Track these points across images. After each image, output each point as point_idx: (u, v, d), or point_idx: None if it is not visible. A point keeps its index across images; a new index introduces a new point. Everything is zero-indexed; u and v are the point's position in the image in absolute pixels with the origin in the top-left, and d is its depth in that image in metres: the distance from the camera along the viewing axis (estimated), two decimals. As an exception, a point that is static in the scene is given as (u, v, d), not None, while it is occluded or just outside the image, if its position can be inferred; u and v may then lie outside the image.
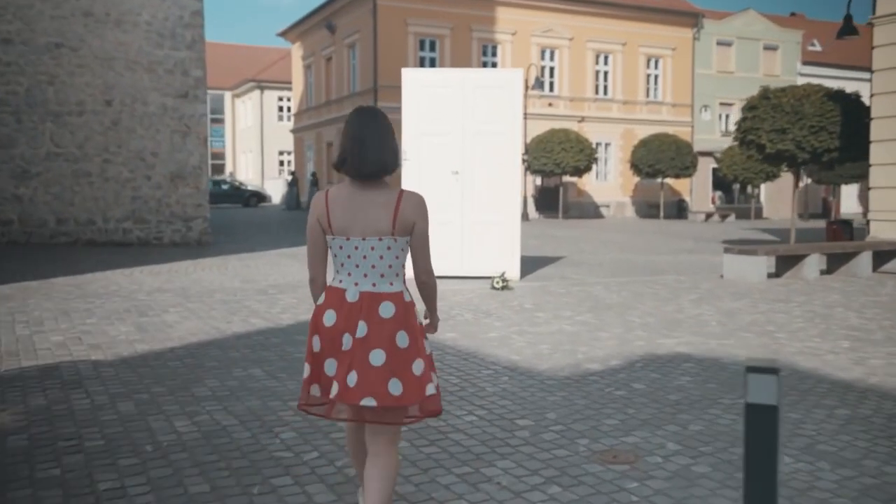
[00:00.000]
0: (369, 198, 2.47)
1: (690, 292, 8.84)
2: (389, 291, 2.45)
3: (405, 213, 2.46)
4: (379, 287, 2.45)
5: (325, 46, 35.07)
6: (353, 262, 2.46)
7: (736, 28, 36.00)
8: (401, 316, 2.44)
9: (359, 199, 2.48)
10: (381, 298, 2.43)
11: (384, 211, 2.45)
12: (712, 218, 32.77)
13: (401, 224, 2.45)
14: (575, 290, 8.90)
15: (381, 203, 2.46)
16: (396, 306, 2.44)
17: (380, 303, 2.43)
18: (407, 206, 2.47)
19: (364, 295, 2.44)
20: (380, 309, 2.42)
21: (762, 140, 14.81)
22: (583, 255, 14.27)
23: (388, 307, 2.43)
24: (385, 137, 2.50)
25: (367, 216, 2.45)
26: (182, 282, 9.19)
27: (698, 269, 11.54)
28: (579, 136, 29.01)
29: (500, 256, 9.76)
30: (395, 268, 2.48)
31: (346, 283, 2.47)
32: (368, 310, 2.42)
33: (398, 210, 2.45)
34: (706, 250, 16.01)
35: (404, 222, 2.46)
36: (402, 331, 2.44)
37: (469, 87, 9.76)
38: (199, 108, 14.44)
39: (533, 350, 5.65)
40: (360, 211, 2.46)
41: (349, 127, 2.51)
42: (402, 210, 2.46)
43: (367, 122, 2.50)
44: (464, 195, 9.77)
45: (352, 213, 2.46)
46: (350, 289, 2.45)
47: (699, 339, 6.12)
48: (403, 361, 2.43)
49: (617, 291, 8.85)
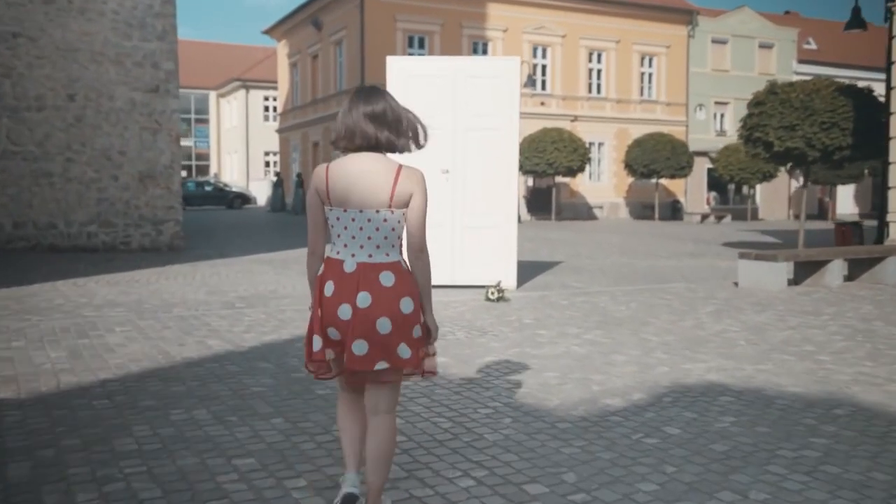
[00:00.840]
0: (369, 170, 2.50)
1: (706, 303, 7.97)
2: (387, 261, 2.51)
3: (403, 187, 2.50)
4: (376, 258, 2.50)
5: (312, 44, 34.11)
6: (350, 233, 2.52)
7: (731, 26, 35.28)
8: (401, 283, 2.50)
9: (358, 172, 2.51)
10: (380, 268, 2.49)
11: (383, 184, 2.49)
12: (708, 219, 32.01)
13: (398, 197, 2.49)
14: (579, 302, 8.01)
15: (380, 175, 2.50)
16: (395, 275, 2.49)
17: (379, 272, 2.48)
18: (405, 179, 2.51)
19: (361, 266, 2.49)
20: (380, 278, 2.48)
21: (770, 137, 13.99)
22: (581, 259, 13.40)
23: (388, 276, 2.48)
24: (391, 106, 2.57)
25: (365, 188, 2.49)
26: (140, 293, 8.23)
27: (707, 276, 10.69)
28: (572, 136, 28.18)
29: (495, 263, 8.86)
30: (391, 239, 2.53)
31: (344, 254, 2.52)
32: (369, 280, 2.47)
33: (396, 182, 2.49)
34: (708, 253, 15.18)
35: (402, 195, 2.50)
36: (406, 297, 2.49)
37: (461, 77, 8.85)
38: (170, 104, 13.47)
39: (538, 380, 4.74)
40: (358, 183, 2.49)
41: (356, 100, 2.55)
42: (401, 183, 2.50)
43: (372, 97, 2.56)
44: (455, 196, 8.86)
45: (350, 185, 2.49)
46: (347, 260, 2.51)
47: (730, 362, 5.24)
48: (408, 326, 2.49)
49: (625, 303, 7.97)
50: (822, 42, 39.36)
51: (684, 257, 14.21)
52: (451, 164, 8.85)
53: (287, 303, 7.72)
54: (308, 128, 35.07)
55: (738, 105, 35.75)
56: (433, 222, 8.04)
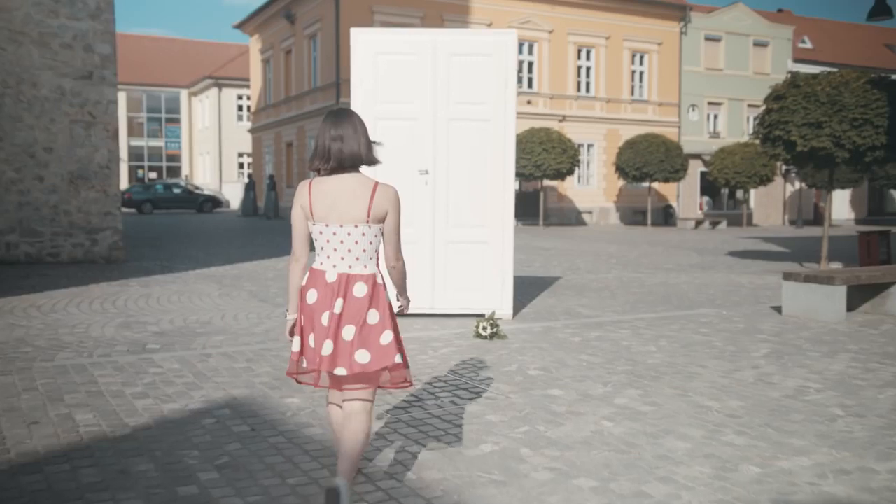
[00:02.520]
0: (347, 188, 2.75)
1: (755, 340, 6.28)
2: (363, 273, 2.76)
3: (378, 204, 2.75)
4: (354, 269, 2.76)
5: (285, 38, 32.24)
6: (332, 245, 2.77)
7: (725, 23, 33.86)
8: (371, 295, 2.75)
9: (338, 190, 2.75)
10: (355, 279, 2.75)
11: (360, 201, 2.74)
12: (702, 225, 30.51)
13: (374, 213, 2.75)
14: (594, 339, 6.28)
15: (357, 194, 2.74)
16: (368, 286, 2.75)
17: (354, 283, 2.75)
18: (380, 197, 2.76)
19: (341, 276, 2.75)
20: (354, 289, 2.74)
21: (792, 136, 12.37)
22: (580, 274, 11.70)
23: (361, 287, 2.74)
24: (359, 132, 2.79)
25: (344, 205, 2.74)
26: (30, 327, 6.40)
27: (735, 297, 9.03)
28: (561, 136, 26.55)
29: (486, 287, 7.12)
30: (369, 252, 2.78)
31: (326, 265, 2.79)
32: (344, 289, 2.73)
33: (372, 201, 2.74)
34: (718, 265, 13.57)
35: (377, 212, 2.76)
36: (372, 309, 2.75)
37: (443, 54, 7.11)
38: (106, 93, 11.61)
39: (568, 496, 3.00)
40: (338, 200, 2.74)
41: (326, 127, 2.78)
42: (376, 201, 2.75)
43: (343, 121, 2.78)
44: (436, 204, 7.12)
45: (331, 202, 2.74)
46: (329, 270, 2.77)
47: (845, 454, 3.53)
48: (372, 334, 2.73)
49: (653, 339, 6.26)
50: (818, 41, 38.09)
51: (694, 271, 12.57)
52: (430, 163, 7.11)
53: (218, 341, 5.93)
54: (281, 127, 33.18)
55: (733, 106, 34.39)
56: (408, 238, 6.29)
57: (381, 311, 2.75)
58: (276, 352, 5.57)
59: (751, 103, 34.63)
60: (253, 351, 5.59)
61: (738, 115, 34.45)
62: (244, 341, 5.93)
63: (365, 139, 2.80)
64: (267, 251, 14.81)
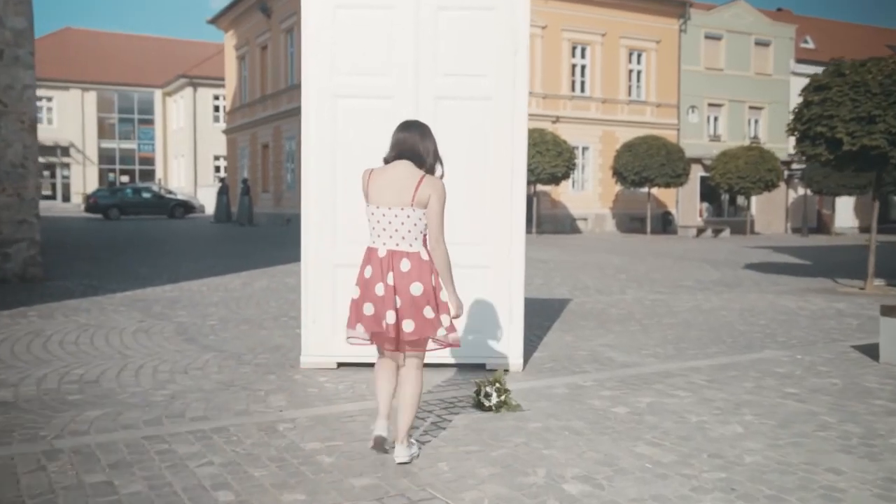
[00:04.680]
0: (399, 176, 3.27)
1: (874, 410, 4.38)
2: (408, 251, 3.26)
3: (423, 192, 3.23)
4: (401, 246, 3.25)
5: (260, 33, 30.25)
6: (382, 226, 3.27)
7: (725, 20, 32.20)
8: (415, 270, 3.23)
9: (390, 178, 3.28)
10: (401, 255, 3.25)
11: (407, 188, 3.23)
12: (704, 233, 28.74)
13: (418, 199, 3.22)
14: (646, 409, 4.35)
15: (405, 181, 3.25)
16: (412, 262, 3.24)
17: (400, 259, 3.24)
18: (425, 185, 3.24)
19: (389, 252, 3.25)
20: (400, 264, 3.23)
21: (838, 133, 10.54)
22: (591, 294, 9.81)
23: (405, 263, 3.23)
24: (426, 137, 3.37)
25: (393, 191, 3.24)
26: None
27: (796, 329, 7.15)
28: (556, 138, 24.70)
29: (487, 328, 5.19)
30: (414, 233, 3.26)
31: (377, 243, 3.29)
32: (393, 264, 3.23)
33: (418, 188, 3.23)
34: (743, 281, 11.79)
35: (421, 197, 3.23)
36: (416, 282, 3.22)
37: (428, 7, 5.17)
38: (21, 77, 9.61)
39: None
40: (389, 186, 3.26)
41: (398, 128, 3.42)
42: (421, 188, 3.23)
43: (413, 124, 3.42)
44: (418, 212, 5.18)
45: (382, 188, 3.27)
46: (380, 248, 3.27)
47: None
48: (416, 307, 3.22)
49: (731, 410, 4.33)
50: (819, 41, 36.54)
51: (720, 289, 10.71)
52: (412, 156, 5.17)
53: (87, 420, 3.94)
54: (257, 128, 31.16)
55: (733, 107, 32.72)
56: None
57: (426, 285, 3.24)
58: (172, 443, 3.61)
59: (752, 105, 32.98)
60: (132, 442, 3.62)
61: (740, 118, 32.79)
62: (127, 420, 3.96)
63: (431, 144, 3.36)
64: (226, 265, 12.81)
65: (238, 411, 4.15)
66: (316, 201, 5.18)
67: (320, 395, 4.51)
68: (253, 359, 5.51)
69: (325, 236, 5.20)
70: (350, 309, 3.36)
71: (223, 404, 4.27)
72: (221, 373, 5.05)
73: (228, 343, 6.07)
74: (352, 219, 5.14)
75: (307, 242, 5.22)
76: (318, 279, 5.20)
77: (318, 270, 5.20)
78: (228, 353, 5.66)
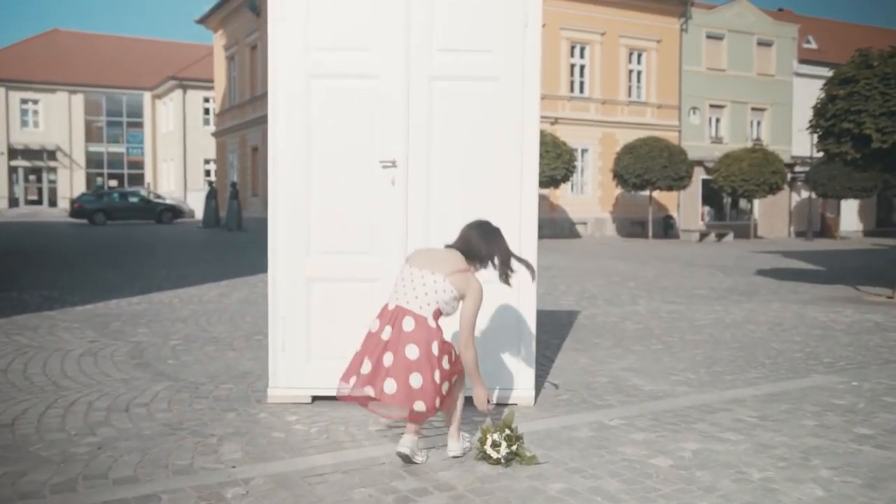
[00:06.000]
0: (447, 256, 3.25)
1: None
2: (416, 312, 3.10)
3: (463, 280, 3.17)
4: (410, 305, 3.12)
5: (250, 32, 29.39)
6: (404, 283, 3.19)
7: (727, 20, 31.47)
8: (416, 332, 3.07)
9: (439, 253, 3.30)
10: (406, 313, 3.11)
11: (450, 265, 3.19)
12: (707, 237, 27.93)
13: (455, 280, 3.15)
14: (692, 461, 3.48)
15: (452, 261, 3.22)
16: (417, 324, 3.08)
17: (405, 316, 3.10)
18: (469, 277, 3.20)
19: (397, 307, 3.15)
20: (403, 321, 3.09)
21: (867, 129, 9.72)
22: (600, 305, 8.96)
23: (409, 322, 3.09)
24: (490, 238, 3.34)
25: (434, 259, 3.23)
26: None
27: (837, 346, 6.30)
28: (555, 140, 23.88)
29: (491, 355, 4.32)
30: (430, 299, 3.12)
31: (391, 299, 3.20)
32: (397, 319, 3.10)
33: (460, 272, 3.18)
34: (760, 290, 10.99)
35: (459, 283, 3.16)
36: (412, 343, 3.05)
37: (421, -31, 4.32)
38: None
39: None
40: (434, 255, 3.28)
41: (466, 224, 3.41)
42: (464, 276, 3.18)
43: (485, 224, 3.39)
44: (410, 216, 4.32)
45: (428, 255, 3.29)
46: (391, 303, 3.19)
47: None
48: (404, 369, 3.02)
49: (799, 463, 3.47)
50: (821, 41, 35.83)
51: (738, 299, 9.87)
52: (400, 150, 4.31)
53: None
54: (246, 130, 30.28)
55: (735, 108, 31.96)
56: (367, 273, 3.66)
57: (422, 351, 3.05)
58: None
59: (755, 106, 32.24)
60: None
61: (742, 119, 32.02)
62: (29, 485, 3.07)
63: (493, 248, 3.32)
64: (206, 273, 11.92)
65: (179, 468, 3.26)
66: (286, 202, 4.32)
67: (286, 443, 3.63)
68: (213, 390, 4.63)
69: (296, 244, 4.33)
70: (350, 361, 3.21)
71: (162, 457, 3.39)
72: (170, 410, 4.17)
73: (188, 369, 5.19)
74: (329, 224, 4.28)
75: (275, 252, 4.35)
76: (289, 296, 4.32)
77: (289, 285, 4.33)
78: (184, 383, 4.77)
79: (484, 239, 3.29)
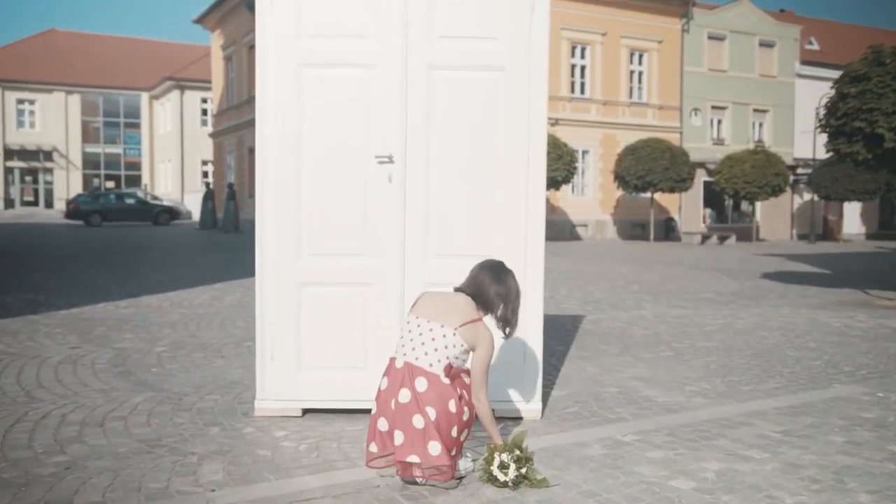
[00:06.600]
0: (456, 303, 3.06)
1: None
2: (426, 370, 2.93)
3: (473, 330, 2.99)
4: (420, 362, 2.94)
5: (248, 31, 29.08)
6: (410, 336, 3.00)
7: (729, 20, 31.21)
8: (430, 392, 2.90)
9: (447, 300, 3.07)
10: (419, 372, 2.92)
11: (460, 315, 3.00)
12: (709, 240, 27.65)
13: (464, 332, 2.97)
14: (713, 481, 3.18)
15: (462, 309, 3.03)
16: (430, 383, 2.90)
17: (417, 376, 2.92)
18: (480, 327, 3.01)
19: (406, 364, 2.95)
20: (416, 382, 2.91)
21: (879, 128, 9.44)
22: (604, 309, 8.67)
23: (422, 382, 2.91)
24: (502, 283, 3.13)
25: (442, 308, 3.03)
26: None
27: (856, 353, 6.01)
28: (557, 141, 23.59)
29: (496, 365, 4.01)
30: (440, 355, 2.95)
31: (398, 353, 3.02)
32: (409, 379, 2.91)
33: (471, 323, 2.99)
34: (767, 294, 10.72)
35: (469, 335, 2.97)
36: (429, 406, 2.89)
37: (420, -50, 4.02)
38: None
39: None
40: (442, 304, 3.05)
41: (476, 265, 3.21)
42: (474, 326, 2.99)
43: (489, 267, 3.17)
44: (408, 217, 4.02)
45: (435, 304, 3.06)
46: (399, 358, 3.00)
47: None
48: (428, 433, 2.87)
49: (833, 485, 3.17)
50: (823, 42, 35.58)
51: (746, 303, 9.58)
52: (397, 145, 4.01)
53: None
54: (243, 131, 29.98)
55: (737, 110, 31.69)
56: (360, 278, 3.44)
57: (439, 410, 2.89)
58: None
59: (757, 107, 31.97)
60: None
61: (744, 121, 31.76)
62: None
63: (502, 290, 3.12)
64: (199, 275, 11.61)
65: (152, 492, 2.96)
66: (274, 200, 4.01)
67: (272, 463, 3.33)
68: (197, 401, 4.32)
69: (286, 247, 4.02)
70: (368, 425, 3.09)
71: (134, 480, 3.08)
72: (149, 424, 3.86)
73: (172, 378, 4.88)
74: (321, 224, 3.99)
75: (263, 254, 4.05)
76: (278, 301, 4.02)
77: (278, 290, 4.03)
78: (167, 394, 4.47)
79: (496, 283, 3.11)
